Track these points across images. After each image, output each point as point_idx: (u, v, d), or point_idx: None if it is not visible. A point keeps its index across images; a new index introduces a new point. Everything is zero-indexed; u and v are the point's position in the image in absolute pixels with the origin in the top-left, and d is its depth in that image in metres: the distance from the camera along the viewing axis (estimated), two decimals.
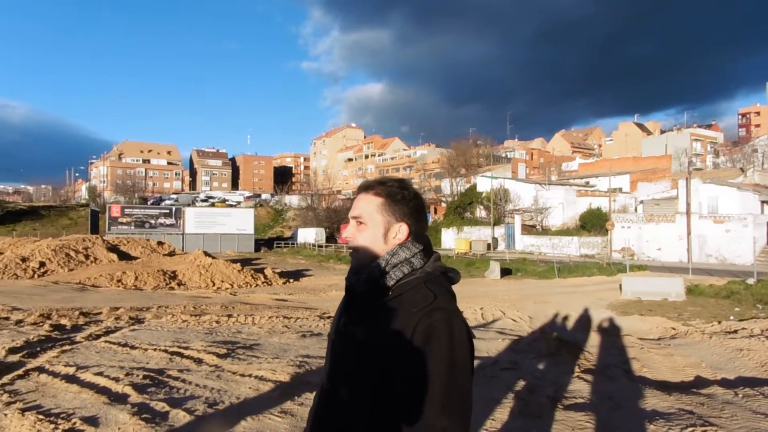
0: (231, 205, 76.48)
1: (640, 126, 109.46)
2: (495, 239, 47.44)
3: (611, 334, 11.40)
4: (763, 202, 37.69)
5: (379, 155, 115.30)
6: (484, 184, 54.76)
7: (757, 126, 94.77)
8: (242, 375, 6.56)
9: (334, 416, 1.60)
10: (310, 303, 16.36)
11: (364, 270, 1.65)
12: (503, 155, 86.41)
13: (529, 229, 46.89)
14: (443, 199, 66.57)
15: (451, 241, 49.58)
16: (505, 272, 27.59)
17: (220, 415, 5.14)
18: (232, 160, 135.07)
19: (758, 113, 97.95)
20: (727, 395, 6.29)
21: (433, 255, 1.68)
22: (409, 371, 1.45)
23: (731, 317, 13.88)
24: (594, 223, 42.40)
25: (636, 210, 44.51)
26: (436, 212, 64.23)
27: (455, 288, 1.69)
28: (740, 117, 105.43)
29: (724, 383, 7.01)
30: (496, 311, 14.35)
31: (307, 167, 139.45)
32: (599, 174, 58.99)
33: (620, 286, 18.80)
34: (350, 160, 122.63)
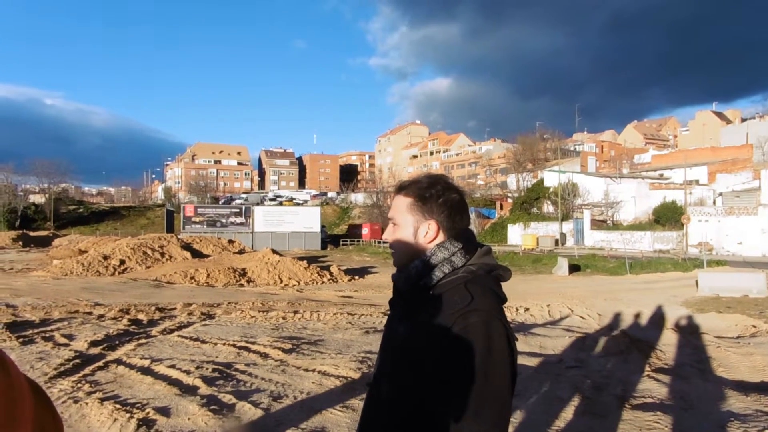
0: (298, 204, 78.06)
1: (719, 114, 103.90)
2: (563, 235, 46.33)
3: (685, 332, 10.93)
4: None
5: (443, 151, 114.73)
6: (551, 178, 53.58)
7: None
8: (306, 370, 6.70)
9: (377, 412, 1.63)
10: (375, 300, 16.49)
11: (404, 270, 1.67)
12: (572, 149, 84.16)
13: (599, 224, 45.53)
14: (509, 194, 65.59)
15: (517, 237, 48.81)
16: (574, 268, 26.90)
17: (285, 408, 5.28)
18: (299, 159, 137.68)
19: None
20: None
21: (480, 249, 1.65)
22: (443, 374, 1.43)
23: None
24: (668, 216, 40.73)
25: (714, 203, 42.38)
26: (501, 208, 63.29)
27: (506, 285, 1.66)
28: None
29: None
30: (564, 308, 14.02)
31: (372, 165, 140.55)
32: (674, 166, 56.50)
33: (696, 282, 17.99)
34: (415, 156, 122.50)
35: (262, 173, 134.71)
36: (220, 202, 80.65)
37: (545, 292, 18.37)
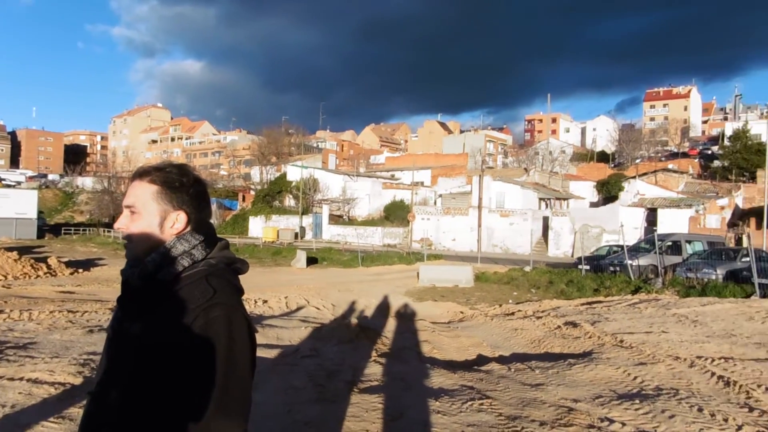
0: (9, 186, 67.49)
1: (443, 125, 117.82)
2: (303, 228, 47.85)
3: (406, 319, 12.13)
4: (540, 199, 42.87)
5: (186, 138, 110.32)
6: (294, 173, 54.93)
7: (540, 132, 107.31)
8: (11, 379, 5.82)
9: (102, 421, 1.48)
10: (102, 295, 15.08)
11: (140, 263, 1.56)
12: (315, 145, 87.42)
13: (336, 219, 48.06)
14: (252, 186, 65.55)
15: (258, 229, 48.97)
16: (312, 261, 27.96)
17: None
18: (12, 134, 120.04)
19: (541, 120, 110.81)
20: (502, 370, 7.04)
21: (219, 243, 1.63)
22: (186, 370, 1.39)
23: (510, 301, 15.58)
24: (397, 214, 44.79)
25: (435, 203, 47.85)
26: (244, 200, 62.96)
27: (245, 278, 1.65)
28: (527, 123, 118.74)
29: (501, 360, 7.85)
30: (301, 300, 14.49)
31: (104, 147, 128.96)
32: (404, 168, 62.38)
33: (417, 274, 20.09)
34: (155, 141, 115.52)
35: None
36: None
37: (284, 284, 18.78)
